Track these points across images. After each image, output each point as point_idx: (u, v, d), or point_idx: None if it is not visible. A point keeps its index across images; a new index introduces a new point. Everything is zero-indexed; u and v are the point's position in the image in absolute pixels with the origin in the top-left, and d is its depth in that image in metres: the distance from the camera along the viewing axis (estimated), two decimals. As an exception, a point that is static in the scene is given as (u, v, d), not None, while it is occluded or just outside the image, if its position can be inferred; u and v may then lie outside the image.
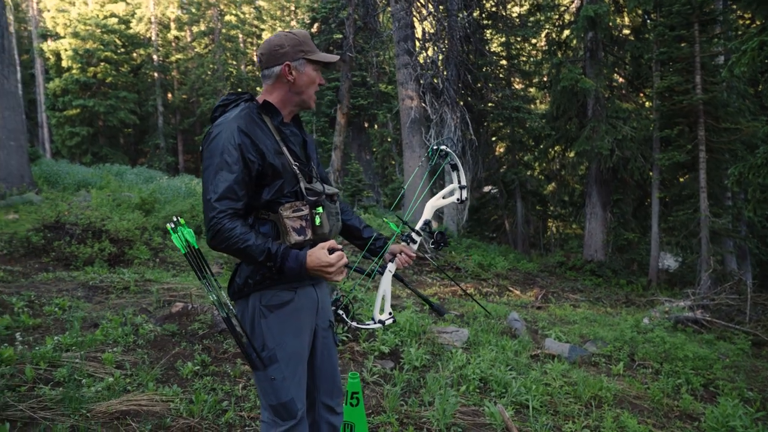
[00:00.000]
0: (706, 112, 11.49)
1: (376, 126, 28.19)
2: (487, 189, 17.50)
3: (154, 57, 35.13)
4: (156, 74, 35.06)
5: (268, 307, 1.99)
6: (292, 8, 40.57)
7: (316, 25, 24.35)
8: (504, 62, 16.36)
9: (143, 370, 3.54)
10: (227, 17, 38.62)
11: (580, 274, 13.21)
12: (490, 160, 16.24)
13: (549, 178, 18.05)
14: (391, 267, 2.42)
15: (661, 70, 12.54)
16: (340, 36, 18.30)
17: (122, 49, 33.18)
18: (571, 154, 14.73)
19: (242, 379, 3.68)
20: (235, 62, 39.87)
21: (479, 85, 13.81)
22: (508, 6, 15.86)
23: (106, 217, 7.45)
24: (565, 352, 5.82)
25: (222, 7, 38.46)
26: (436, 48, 12.15)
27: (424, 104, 11.75)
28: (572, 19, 14.80)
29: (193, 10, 37.13)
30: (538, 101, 22.15)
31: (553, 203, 18.24)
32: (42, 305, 4.63)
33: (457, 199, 2.61)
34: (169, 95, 36.95)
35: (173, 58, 36.82)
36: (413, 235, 2.46)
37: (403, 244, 2.45)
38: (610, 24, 13.38)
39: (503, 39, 16.30)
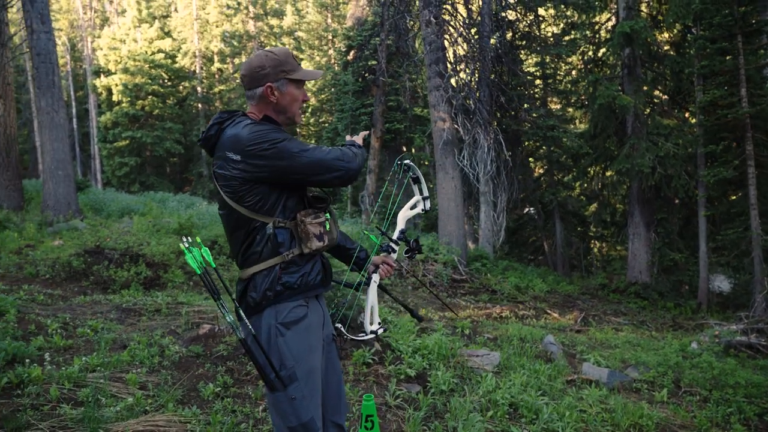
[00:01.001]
0: (754, 126, 11.00)
1: (413, 149, 28.32)
2: (527, 210, 17.21)
3: (198, 89, 36.54)
4: (200, 105, 36.41)
5: (284, 324, 1.94)
6: (330, 37, 41.57)
7: (352, 52, 24.85)
8: (539, 82, 16.19)
9: (165, 390, 3.56)
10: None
11: (624, 297, 12.70)
12: (527, 181, 15.97)
13: (589, 198, 17.58)
14: (375, 278, 2.45)
15: (704, 84, 12.14)
16: (375, 62, 18.60)
17: (168, 83, 34.74)
18: (611, 173, 14.33)
19: (263, 402, 3.64)
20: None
21: (513, 105, 13.69)
22: (542, 26, 15.76)
23: (143, 242, 7.66)
24: (604, 378, 5.55)
25: (262, 39, 39.84)
26: (467, 69, 12.14)
27: (456, 126, 11.71)
28: (609, 36, 14.56)
29: (235, 43, 38.57)
30: (577, 120, 21.80)
31: (594, 224, 17.72)
32: (76, 327, 4.75)
33: (422, 210, 2.72)
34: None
35: (216, 90, 38.20)
36: (392, 245, 2.51)
37: (384, 254, 2.47)
38: (648, 39, 13.08)
39: (538, 59, 16.18)
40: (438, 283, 10.10)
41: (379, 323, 2.54)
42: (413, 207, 2.76)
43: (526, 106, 14.30)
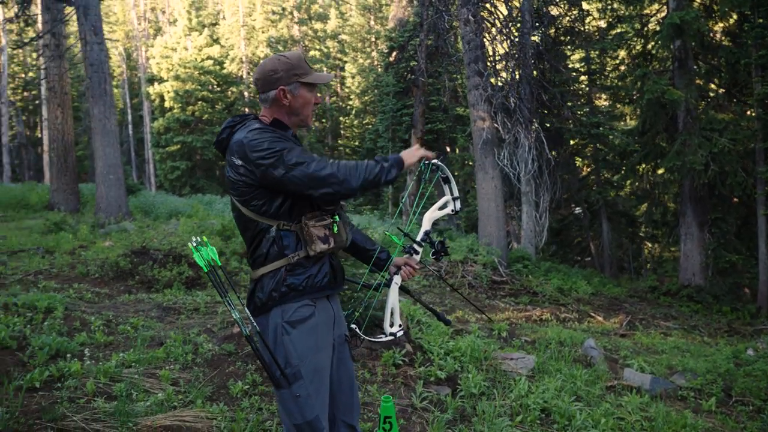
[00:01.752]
0: (818, 119, 10.32)
1: (456, 150, 28.10)
2: (573, 210, 16.74)
3: (246, 94, 37.49)
4: (247, 110, 37.32)
5: (290, 323, 1.97)
6: (373, 39, 41.79)
7: (393, 53, 24.90)
8: (584, 78, 15.73)
9: (195, 387, 3.65)
10: (311, 52, 40.58)
11: (676, 300, 12.15)
12: (572, 180, 15.52)
13: (639, 197, 16.92)
14: (396, 279, 2.41)
15: (762, 75, 11.48)
16: (416, 63, 18.56)
17: (217, 88, 35.80)
18: (661, 171, 13.74)
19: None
20: (319, 94, 41.57)
21: (555, 102, 13.34)
22: (587, 21, 15.30)
23: (187, 243, 7.90)
24: (646, 384, 5.32)
25: (306, 43, 40.50)
26: (507, 67, 11.94)
27: (496, 125, 11.52)
28: (658, 28, 13.98)
29: (280, 48, 39.31)
30: (627, 117, 21.06)
31: (644, 224, 17.02)
32: (118, 324, 4.95)
33: (452, 210, 2.62)
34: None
35: (263, 94, 39.06)
36: (415, 246, 2.46)
37: (407, 256, 2.43)
38: (700, 30, 12.47)
39: (583, 54, 15.72)
40: (477, 285, 9.97)
41: (400, 325, 2.49)
42: (442, 207, 2.66)
43: (569, 103, 13.89)
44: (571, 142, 15.51)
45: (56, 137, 12.80)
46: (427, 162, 2.64)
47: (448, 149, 26.58)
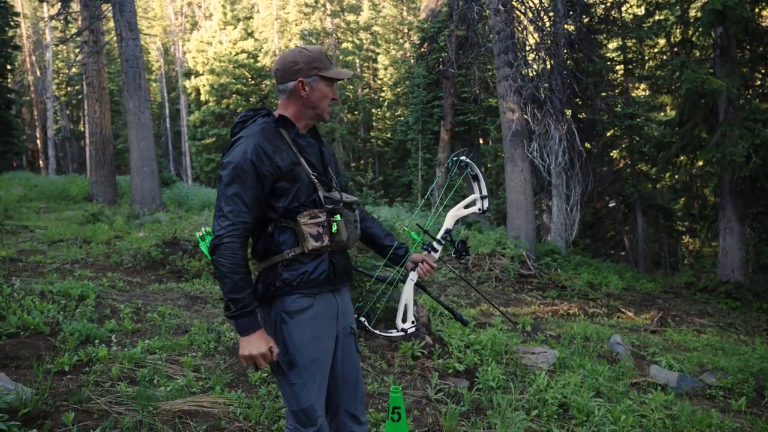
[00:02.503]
0: None
1: (489, 141, 27.78)
2: (608, 203, 16.35)
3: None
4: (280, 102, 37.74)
5: (288, 313, 2.03)
6: (406, 30, 41.58)
7: (425, 44, 24.74)
8: (620, 67, 15.30)
9: (215, 374, 3.76)
10: (344, 44, 40.66)
11: (713, 297, 11.77)
12: (606, 173, 15.14)
13: (676, 190, 16.39)
14: (412, 276, 2.41)
15: (810, 63, 10.93)
16: (446, 54, 18.40)
17: (251, 81, 36.30)
18: (700, 163, 13.27)
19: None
20: (351, 86, 41.76)
21: (589, 93, 13.01)
22: (623, 8, 14.84)
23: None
24: (673, 382, 5.19)
25: (339, 35, 40.59)
26: (538, 57, 11.71)
27: (526, 116, 11.33)
28: (699, 15, 13.45)
29: (313, 41, 39.51)
30: (668, 108, 20.39)
31: (681, 218, 16.48)
32: (146, 312, 5.12)
33: (479, 209, 2.58)
34: (293, 120, 39.44)
35: (295, 86, 39.35)
36: (434, 244, 2.43)
37: (425, 253, 2.43)
38: (744, 16, 11.93)
39: (619, 43, 15.27)
40: (504, 278, 9.88)
41: (413, 322, 2.49)
42: (468, 206, 2.64)
43: (603, 94, 13.51)
44: (607, 134, 15.11)
45: (95, 131, 13.25)
46: (455, 158, 2.62)
47: (481, 141, 26.33)
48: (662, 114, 18.31)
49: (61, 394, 3.13)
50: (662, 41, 14.91)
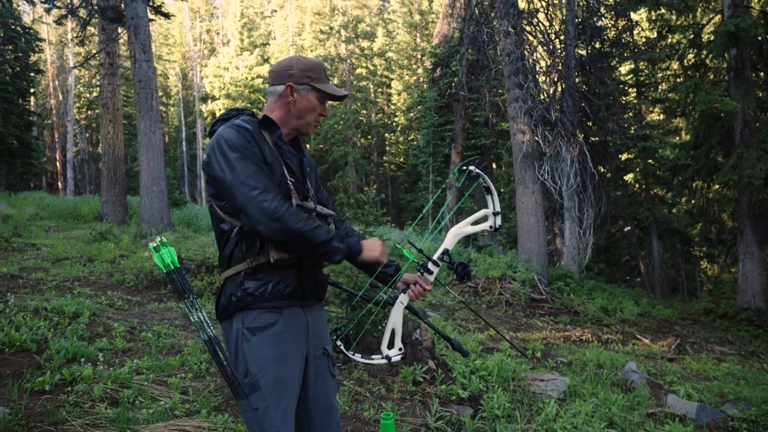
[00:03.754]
0: None
1: (503, 166, 27.61)
2: (624, 228, 16.03)
3: (293, 111, 38.25)
4: (294, 126, 38.08)
5: (250, 329, 1.85)
6: (419, 56, 42.03)
7: (438, 69, 24.87)
8: (632, 90, 15.15)
9: (204, 397, 3.59)
10: (358, 70, 41.13)
11: (733, 324, 11.34)
12: (619, 196, 14.86)
13: (692, 214, 16.03)
14: (402, 298, 2.17)
15: (828, 84, 10.69)
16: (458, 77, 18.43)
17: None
18: (717, 187, 12.96)
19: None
20: (365, 111, 42.11)
21: (601, 115, 12.85)
22: (636, 31, 14.77)
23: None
24: (692, 413, 4.89)
25: (353, 60, 41.09)
26: (548, 79, 11.61)
27: (537, 138, 11.19)
28: (712, 38, 13.33)
29: (328, 66, 40.06)
30: (683, 132, 20.13)
31: (699, 242, 16.07)
32: (141, 331, 4.98)
33: (490, 227, 2.31)
34: (308, 145, 39.81)
35: (309, 111, 39.77)
36: (430, 265, 2.17)
37: (418, 274, 2.18)
38: (759, 38, 11.78)
39: (631, 66, 15.15)
40: (515, 302, 9.61)
41: (400, 349, 2.23)
42: (477, 222, 2.34)
43: (615, 116, 13.34)
44: (620, 157, 14.89)
45: (107, 151, 13.37)
46: (464, 167, 2.38)
47: (494, 165, 26.17)
48: (677, 138, 18.05)
49: (36, 415, 2.97)
50: (675, 64, 14.76)
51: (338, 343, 2.12)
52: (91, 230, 10.68)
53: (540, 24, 11.95)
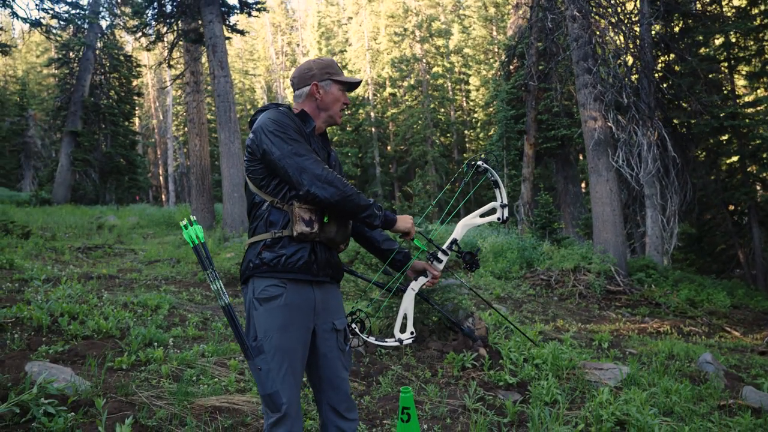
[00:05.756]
0: None
1: (583, 157, 26.46)
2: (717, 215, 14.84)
3: (372, 114, 39.02)
4: (373, 129, 38.83)
5: (258, 299, 2.09)
6: (495, 50, 41.27)
7: (514, 61, 24.31)
8: (724, 65, 14.02)
9: (257, 377, 3.91)
10: (434, 68, 41.13)
11: None
12: (709, 181, 13.77)
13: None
14: (414, 285, 2.36)
15: None
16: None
17: (346, 111, 37.78)
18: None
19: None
20: (443, 109, 42.00)
21: (683, 95, 12.00)
22: (723, 2, 13.67)
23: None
24: (767, 404, 4.57)
25: (429, 60, 41.15)
26: (621, 61, 11.06)
27: (609, 124, 10.70)
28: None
29: (404, 67, 40.43)
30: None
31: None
32: (213, 322, 5.46)
33: (498, 219, 2.47)
34: (389, 147, 40.38)
35: (389, 113, 40.38)
36: (439, 254, 2.35)
37: (428, 262, 2.39)
38: None
39: (721, 39, 14.01)
40: (589, 295, 9.29)
41: (412, 332, 2.43)
42: (485, 215, 2.52)
43: (702, 95, 12.38)
44: (710, 139, 13.83)
45: (195, 162, 14.48)
46: (472, 162, 2.55)
47: (581, 156, 25.13)
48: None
49: (111, 388, 3.42)
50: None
51: (353, 325, 2.32)
52: (181, 236, 11.64)
53: (609, 7, 11.40)
